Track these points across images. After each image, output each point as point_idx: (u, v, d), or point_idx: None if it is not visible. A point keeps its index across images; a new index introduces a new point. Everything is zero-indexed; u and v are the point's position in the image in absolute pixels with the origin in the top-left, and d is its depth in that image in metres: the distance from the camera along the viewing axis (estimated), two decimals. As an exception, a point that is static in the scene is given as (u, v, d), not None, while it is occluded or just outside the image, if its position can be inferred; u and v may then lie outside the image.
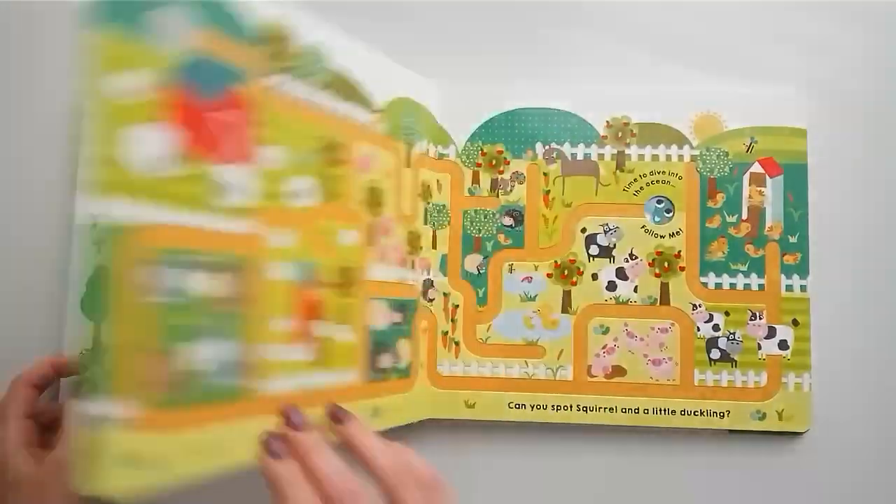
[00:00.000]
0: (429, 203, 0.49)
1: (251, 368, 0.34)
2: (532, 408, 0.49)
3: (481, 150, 0.50)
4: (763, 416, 0.47)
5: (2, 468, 0.41)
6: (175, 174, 0.31)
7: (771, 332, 0.48)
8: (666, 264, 0.49)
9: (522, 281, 0.49)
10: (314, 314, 0.38)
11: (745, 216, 0.49)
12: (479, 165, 0.50)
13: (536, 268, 0.49)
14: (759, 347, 0.49)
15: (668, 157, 0.49)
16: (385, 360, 0.44)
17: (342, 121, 0.41)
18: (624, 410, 0.49)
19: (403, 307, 0.46)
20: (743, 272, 0.49)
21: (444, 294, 0.49)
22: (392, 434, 0.50)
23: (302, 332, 0.37)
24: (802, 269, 0.49)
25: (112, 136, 0.29)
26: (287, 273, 0.37)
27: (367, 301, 0.43)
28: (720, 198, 0.49)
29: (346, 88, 0.41)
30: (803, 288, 0.49)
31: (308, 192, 0.38)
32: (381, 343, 0.44)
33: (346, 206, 0.41)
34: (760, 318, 0.48)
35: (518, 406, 0.49)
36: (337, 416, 0.37)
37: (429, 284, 0.50)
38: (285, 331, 0.37)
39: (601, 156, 0.50)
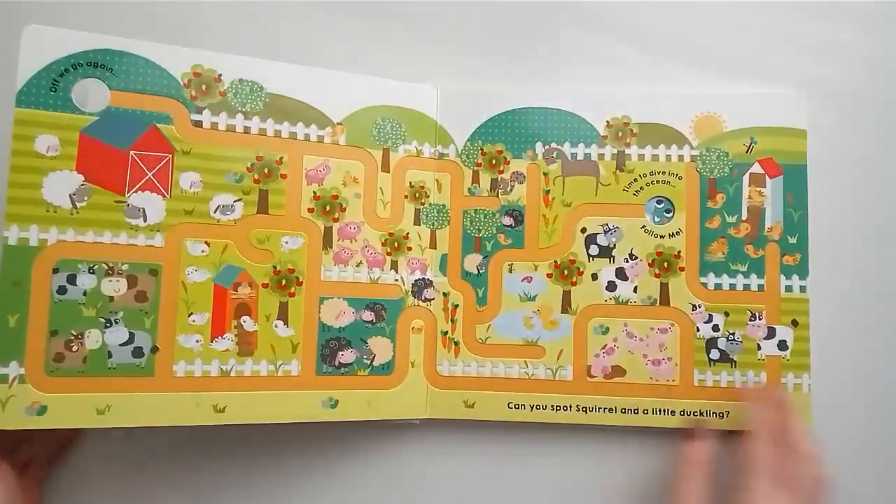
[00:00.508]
0: (423, 203, 0.50)
1: (160, 353, 0.44)
2: (532, 408, 0.49)
3: (481, 149, 0.50)
4: None
5: None
6: (83, 206, 0.43)
7: (770, 333, 0.48)
8: (666, 264, 0.49)
9: (522, 281, 0.49)
10: (242, 311, 0.46)
11: (744, 217, 0.49)
12: (478, 165, 0.50)
13: (536, 268, 0.49)
14: (759, 348, 0.49)
15: (668, 158, 0.50)
16: (347, 356, 0.47)
17: (283, 140, 0.48)
18: (623, 411, 0.49)
19: (378, 306, 0.49)
20: (742, 273, 0.49)
21: (444, 294, 0.49)
22: (390, 432, 0.50)
23: (224, 325, 0.46)
24: (802, 270, 0.49)
25: (31, 181, 0.42)
26: (204, 276, 0.45)
27: (316, 300, 0.48)
28: (720, 198, 0.49)
29: (288, 111, 0.48)
30: (803, 289, 0.49)
31: (232, 207, 0.46)
32: (338, 339, 0.48)
33: (290, 215, 0.48)
34: (760, 319, 0.48)
35: (518, 406, 0.49)
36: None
37: (424, 284, 0.50)
38: (202, 324, 0.45)
39: (601, 156, 0.50)
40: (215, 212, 0.46)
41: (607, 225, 0.49)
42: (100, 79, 0.44)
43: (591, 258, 0.49)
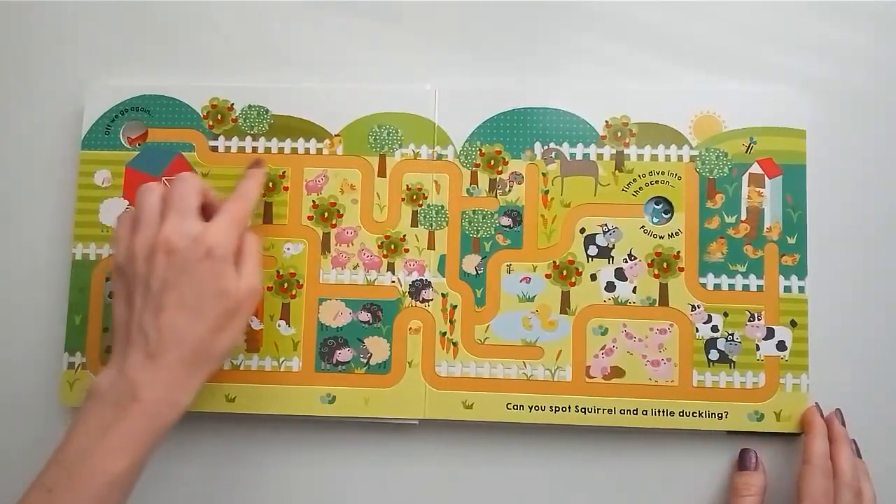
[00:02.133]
0: (420, 205, 0.55)
1: None
2: (530, 409, 0.53)
3: (480, 150, 0.52)
4: (761, 417, 0.50)
5: (230, 284, 0.46)
6: None
7: (769, 333, 0.52)
8: (665, 265, 0.51)
9: (521, 281, 0.52)
10: None
11: (743, 217, 0.52)
12: (477, 166, 0.52)
13: (535, 268, 0.52)
14: (758, 348, 0.55)
15: (668, 158, 0.53)
16: (344, 355, 0.54)
17: (286, 155, 0.56)
18: (622, 411, 0.53)
19: (374, 307, 0.54)
20: (742, 273, 0.52)
21: (443, 295, 0.52)
22: (389, 433, 0.51)
23: None
24: (801, 270, 0.54)
25: (90, 208, 0.56)
26: None
27: (315, 301, 0.55)
28: (719, 198, 0.51)
29: (290, 129, 0.56)
30: (801, 289, 0.53)
31: None
32: (336, 338, 0.54)
33: (291, 223, 0.55)
34: (759, 319, 0.52)
35: (516, 407, 0.54)
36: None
37: (422, 285, 0.55)
38: None
39: (600, 156, 0.52)
40: None
41: (606, 225, 0.51)
42: (140, 120, 0.57)
43: (589, 258, 0.51)
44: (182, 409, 0.45)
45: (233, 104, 0.56)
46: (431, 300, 0.54)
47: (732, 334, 0.53)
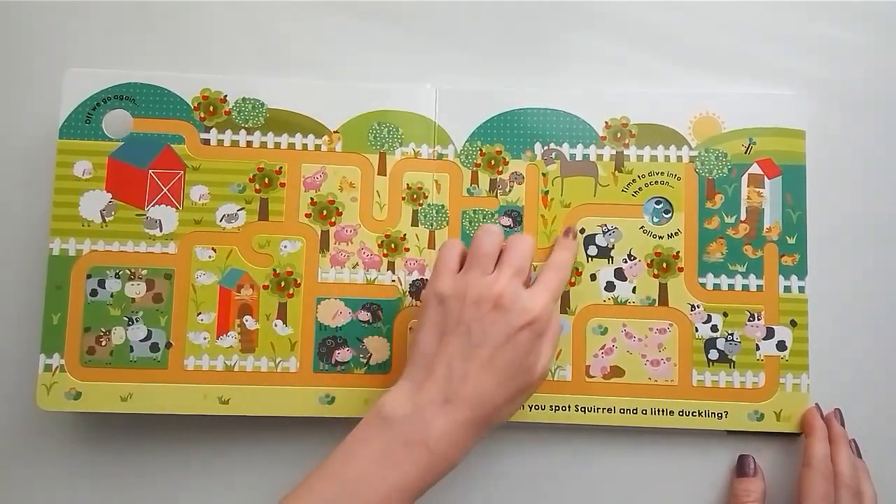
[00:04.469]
0: (421, 205, 0.54)
1: (173, 348, 0.52)
2: (530, 408, 0.52)
3: (480, 150, 0.52)
4: (761, 417, 0.50)
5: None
6: (111, 220, 0.52)
7: (769, 333, 0.52)
8: (664, 265, 0.51)
9: None
10: (245, 311, 0.52)
11: (743, 217, 0.51)
12: (477, 166, 0.52)
13: (535, 268, 0.51)
14: (758, 348, 0.52)
15: (667, 158, 0.53)
16: (343, 355, 0.52)
17: (283, 151, 0.54)
18: (622, 411, 0.52)
19: (375, 306, 0.53)
20: (741, 273, 0.51)
21: None
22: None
23: (229, 324, 0.52)
24: (800, 271, 0.53)
25: (70, 201, 0.52)
26: (211, 279, 0.52)
27: (313, 300, 0.53)
28: (719, 199, 0.51)
29: (287, 123, 0.54)
30: (801, 289, 0.52)
31: (236, 216, 0.53)
32: (335, 338, 0.52)
33: (288, 220, 0.53)
34: (759, 319, 0.52)
35: None
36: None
37: (422, 284, 0.53)
38: (209, 322, 0.52)
39: (600, 156, 0.52)
40: (221, 220, 0.53)
41: (606, 225, 0.51)
42: (125, 109, 0.53)
43: (589, 258, 0.52)
44: (454, 467, 0.44)
45: (226, 96, 0.53)
46: (431, 300, 0.55)
47: (732, 334, 0.52)
